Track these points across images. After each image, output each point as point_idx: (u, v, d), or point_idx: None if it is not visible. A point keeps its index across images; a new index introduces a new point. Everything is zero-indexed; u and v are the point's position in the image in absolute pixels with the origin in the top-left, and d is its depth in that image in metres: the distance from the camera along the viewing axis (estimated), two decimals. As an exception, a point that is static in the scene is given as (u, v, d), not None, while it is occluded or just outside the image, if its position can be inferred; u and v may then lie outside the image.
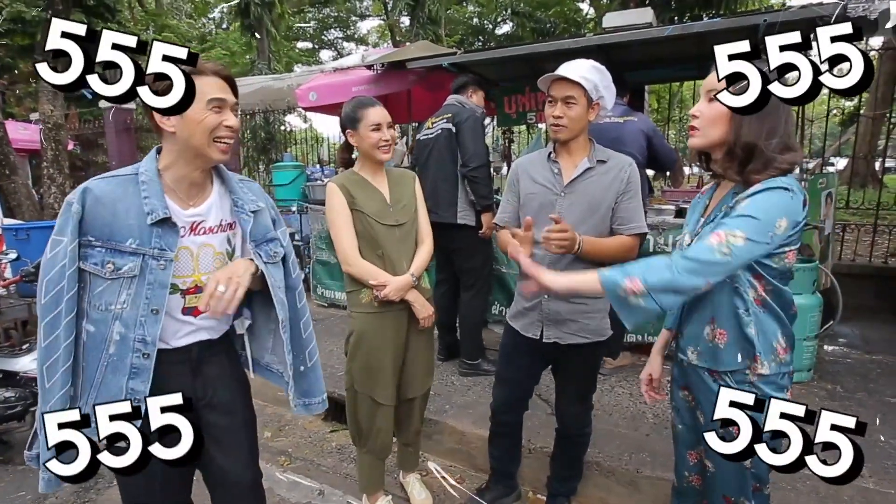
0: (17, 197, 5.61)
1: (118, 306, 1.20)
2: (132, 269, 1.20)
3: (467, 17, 19.52)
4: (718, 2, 7.43)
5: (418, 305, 1.94)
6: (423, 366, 2.06)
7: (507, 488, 2.21)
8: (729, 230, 1.13)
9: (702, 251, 1.15)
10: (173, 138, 1.23)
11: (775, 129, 1.17)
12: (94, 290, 1.20)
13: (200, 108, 1.20)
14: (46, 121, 5.62)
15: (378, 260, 1.90)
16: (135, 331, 1.21)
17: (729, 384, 1.24)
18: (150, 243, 1.21)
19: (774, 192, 1.13)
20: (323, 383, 1.57)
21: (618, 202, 1.74)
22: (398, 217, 1.93)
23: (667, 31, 3.14)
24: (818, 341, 3.09)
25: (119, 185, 1.22)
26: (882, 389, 2.88)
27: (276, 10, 13.20)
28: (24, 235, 4.70)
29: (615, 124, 2.95)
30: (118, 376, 1.22)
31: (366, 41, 23.42)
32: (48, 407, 1.15)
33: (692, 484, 1.49)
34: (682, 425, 1.46)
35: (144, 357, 1.23)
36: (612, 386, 2.97)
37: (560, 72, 1.66)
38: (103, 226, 1.18)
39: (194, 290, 1.31)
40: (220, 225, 1.35)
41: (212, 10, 21.55)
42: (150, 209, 1.20)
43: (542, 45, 3.64)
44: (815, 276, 3.01)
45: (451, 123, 3.05)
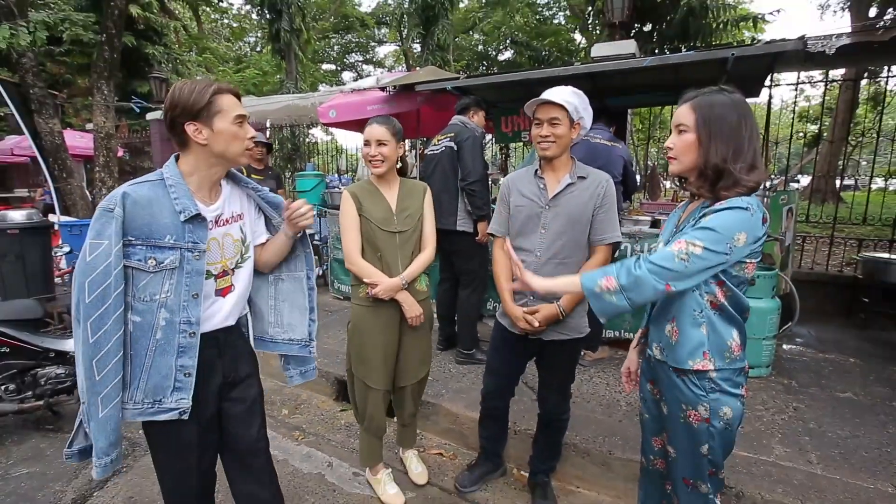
0: (73, 197, 5.67)
1: (162, 295, 1.22)
2: (172, 261, 1.22)
3: (473, 44, 19.55)
4: (696, 35, 7.38)
5: (406, 306, 1.93)
6: (416, 358, 2.05)
7: (494, 465, 2.22)
8: (690, 239, 1.14)
9: (664, 257, 1.15)
10: (202, 149, 1.26)
11: (740, 150, 1.17)
12: (138, 283, 1.21)
13: (228, 123, 1.24)
14: (99, 131, 5.68)
15: (377, 261, 1.92)
16: (179, 314, 1.24)
17: (693, 380, 1.24)
18: (185, 238, 1.23)
19: (735, 210, 1.13)
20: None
21: (594, 215, 1.74)
22: (400, 225, 1.94)
23: (645, 62, 3.14)
24: (777, 341, 3.08)
25: (150, 188, 1.23)
26: (833, 385, 2.86)
27: (303, 36, 13.24)
28: (77, 231, 4.76)
29: (606, 147, 2.99)
30: (167, 357, 1.23)
31: (383, 64, 23.49)
32: (101, 396, 1.16)
33: (657, 467, 1.48)
34: (649, 415, 1.46)
35: (191, 336, 1.26)
36: (591, 376, 2.96)
37: (545, 96, 1.67)
38: (142, 225, 1.19)
39: (222, 274, 1.35)
40: (233, 216, 1.38)
41: (247, 34, 21.71)
42: (182, 208, 1.22)
43: (535, 72, 3.64)
44: (774, 282, 2.99)
45: (453, 142, 3.09)
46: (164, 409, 1.24)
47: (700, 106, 1.20)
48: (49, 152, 5.46)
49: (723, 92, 1.21)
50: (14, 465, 2.34)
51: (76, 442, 1.24)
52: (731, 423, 1.23)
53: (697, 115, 1.20)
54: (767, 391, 2.76)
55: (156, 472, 1.39)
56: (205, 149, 1.25)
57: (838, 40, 2.70)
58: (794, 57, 3.15)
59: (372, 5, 21.55)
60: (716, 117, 1.18)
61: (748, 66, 3.30)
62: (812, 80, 7.15)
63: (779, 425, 2.39)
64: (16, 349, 2.48)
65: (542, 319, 1.74)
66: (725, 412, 1.22)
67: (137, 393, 1.22)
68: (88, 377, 1.15)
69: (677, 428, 1.29)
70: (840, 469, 2.03)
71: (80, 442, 1.24)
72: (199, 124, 1.22)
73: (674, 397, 1.28)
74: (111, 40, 5.29)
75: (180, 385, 1.25)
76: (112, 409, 1.17)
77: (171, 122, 1.24)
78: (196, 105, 1.21)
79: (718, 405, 1.22)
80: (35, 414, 2.68)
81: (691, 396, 1.24)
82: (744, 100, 1.21)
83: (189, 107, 1.21)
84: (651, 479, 1.53)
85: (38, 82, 5.30)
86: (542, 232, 1.77)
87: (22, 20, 4.81)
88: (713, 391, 1.22)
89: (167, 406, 1.24)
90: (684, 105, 1.24)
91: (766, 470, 2.02)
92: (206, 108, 1.22)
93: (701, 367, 1.22)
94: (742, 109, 1.19)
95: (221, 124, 1.24)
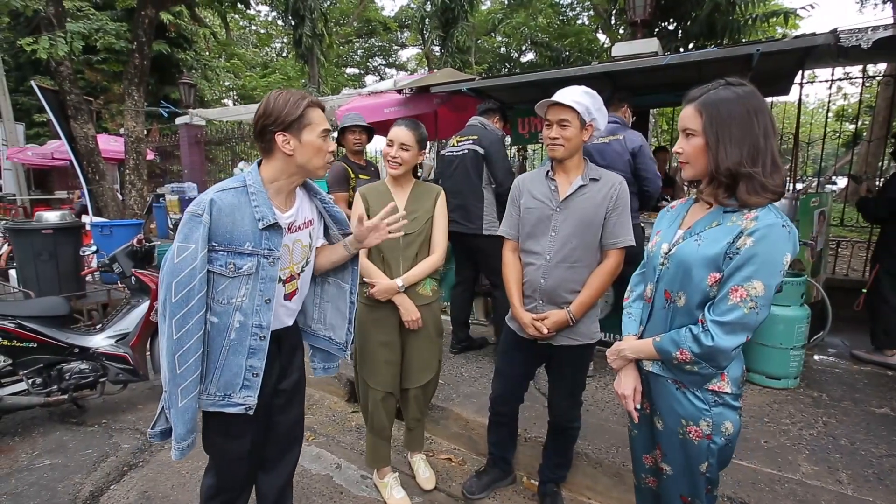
0: (105, 199, 5.88)
1: (238, 299, 1.27)
2: (250, 267, 1.26)
3: (496, 46, 19.46)
4: (722, 32, 7.11)
5: (402, 309, 1.91)
6: (418, 362, 2.02)
7: (503, 472, 2.17)
8: (744, 284, 1.04)
9: (731, 312, 1.05)
10: (287, 159, 1.28)
11: (757, 151, 1.07)
12: (218, 287, 1.25)
13: (315, 136, 1.28)
14: (129, 135, 5.88)
15: (380, 262, 1.92)
16: (252, 318, 1.29)
17: (695, 393, 1.16)
18: (262, 245, 1.27)
19: (775, 229, 1.03)
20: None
21: (607, 217, 1.68)
22: (405, 227, 1.92)
23: (665, 59, 3.03)
24: (807, 351, 2.92)
25: (234, 196, 1.26)
26: (868, 399, 2.68)
27: (326, 41, 13.50)
28: (108, 231, 4.93)
29: (601, 147, 2.75)
30: (238, 357, 1.29)
31: (405, 68, 23.66)
32: (182, 387, 1.21)
33: (648, 485, 1.41)
34: (638, 431, 1.37)
35: (261, 339, 1.31)
36: (607, 384, 2.87)
37: (555, 98, 1.63)
38: (225, 232, 1.23)
39: (290, 279, 1.39)
40: (304, 223, 1.43)
41: (274, 40, 22.25)
42: (261, 216, 1.26)
43: (551, 72, 3.56)
44: (803, 289, 2.84)
45: (478, 145, 2.98)
46: (233, 403, 1.31)
47: (705, 106, 1.11)
48: (83, 156, 5.69)
49: (729, 87, 1.11)
50: (39, 455, 2.44)
51: (158, 424, 1.32)
52: (731, 440, 1.16)
53: (703, 116, 1.11)
54: (795, 404, 2.62)
55: (210, 458, 1.45)
56: (290, 159, 1.28)
57: (874, 33, 2.53)
58: (827, 52, 2.98)
59: (395, 9, 21.76)
60: (723, 118, 1.08)
61: (776, 62, 3.15)
62: (849, 76, 6.79)
63: (806, 441, 2.25)
64: (43, 344, 2.58)
65: (552, 325, 1.69)
66: (727, 427, 1.14)
67: (211, 386, 1.30)
68: (171, 369, 1.21)
69: (674, 444, 1.21)
70: (874, 491, 1.89)
71: (162, 424, 1.32)
72: (289, 135, 1.26)
73: (671, 411, 1.20)
74: (141, 48, 5.48)
75: (248, 384, 1.32)
76: (190, 400, 1.24)
77: (261, 129, 1.27)
78: (290, 116, 1.24)
79: (721, 419, 1.14)
80: (61, 407, 2.79)
81: (692, 411, 1.16)
82: (753, 93, 1.10)
83: (283, 117, 1.24)
84: (644, 497, 1.45)
85: (75, 89, 5.53)
86: (552, 234, 1.72)
87: (60, 31, 5.03)
88: (717, 405, 1.15)
89: (235, 401, 1.31)
90: (689, 106, 1.15)
91: (790, 489, 1.91)
92: (298, 119, 1.25)
93: (717, 389, 1.15)
94: (752, 104, 1.08)
95: (309, 137, 1.27)
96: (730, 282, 1.06)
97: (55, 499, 2.09)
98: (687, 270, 1.14)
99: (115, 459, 2.41)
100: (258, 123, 1.27)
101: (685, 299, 1.16)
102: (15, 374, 2.57)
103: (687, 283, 1.14)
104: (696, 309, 1.14)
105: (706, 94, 1.12)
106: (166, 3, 6.01)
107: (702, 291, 1.12)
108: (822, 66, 3.86)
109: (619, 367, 1.32)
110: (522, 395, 1.99)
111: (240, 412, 1.31)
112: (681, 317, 1.17)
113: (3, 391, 2.53)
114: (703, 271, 1.11)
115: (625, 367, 1.31)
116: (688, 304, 1.15)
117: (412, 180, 2.01)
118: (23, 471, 2.30)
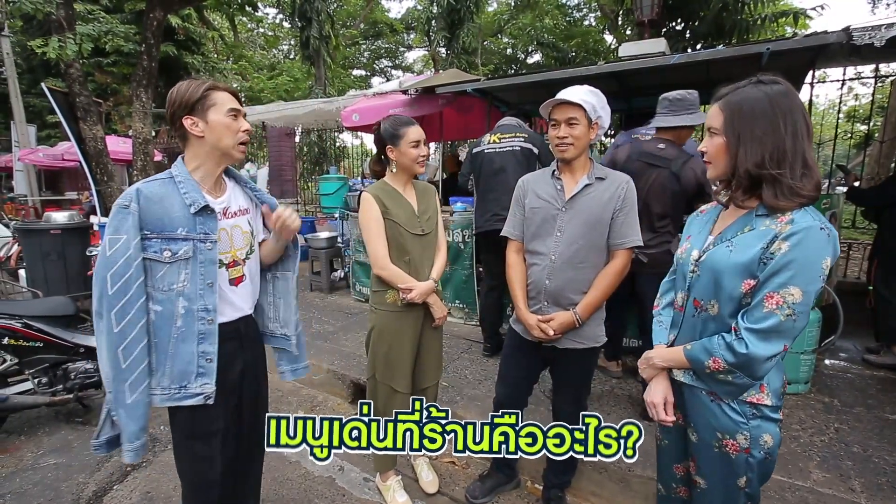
0: (113, 199, 5.92)
1: (179, 285, 1.28)
2: (186, 252, 1.27)
3: (502, 47, 19.43)
4: (731, 32, 7.03)
5: (436, 307, 1.93)
6: (434, 359, 2.06)
7: (507, 477, 2.14)
8: (781, 291, 0.98)
9: (766, 319, 1.00)
10: (201, 142, 1.31)
11: (782, 153, 1.00)
12: (156, 274, 1.26)
13: (221, 115, 1.31)
14: (137, 136, 5.92)
15: (405, 265, 1.88)
16: (197, 303, 1.30)
17: (731, 405, 1.11)
18: (196, 230, 1.29)
19: (812, 232, 0.97)
20: (306, 352, 1.70)
21: (614, 217, 1.65)
22: (424, 227, 1.91)
23: (672, 59, 2.99)
24: (818, 355, 2.86)
25: (161, 186, 1.29)
26: (881, 405, 2.62)
27: (332, 42, 13.54)
28: (115, 232, 4.97)
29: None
30: (188, 344, 1.29)
31: (412, 69, 23.68)
32: (129, 382, 1.21)
33: (679, 495, 1.35)
34: (669, 440, 1.33)
35: (209, 323, 1.32)
36: (613, 388, 2.84)
37: (561, 96, 1.61)
38: (156, 220, 1.25)
39: (233, 263, 1.40)
40: (239, 210, 1.44)
41: (281, 43, 22.40)
42: (192, 201, 1.28)
43: (556, 72, 3.53)
44: (814, 292, 2.78)
45: (529, 143, 2.88)
46: (190, 394, 1.30)
47: (728, 104, 1.07)
48: (92, 157, 5.74)
49: (759, 85, 1.05)
50: (43, 455, 2.44)
51: (103, 433, 1.30)
52: (771, 453, 1.10)
53: (725, 115, 1.07)
54: (806, 409, 2.56)
55: (176, 464, 1.40)
56: (202, 141, 1.31)
57: (888, 31, 2.48)
58: (838, 51, 2.93)
59: (401, 11, 21.82)
60: (744, 117, 1.04)
61: (786, 61, 3.10)
62: (860, 75, 6.69)
63: (818, 447, 2.20)
64: (49, 344, 2.59)
65: (558, 327, 1.67)
66: (766, 440, 1.09)
67: (164, 379, 1.29)
68: (114, 366, 1.21)
69: (710, 458, 1.16)
70: (888, 500, 1.84)
71: (108, 432, 1.29)
72: (194, 117, 1.29)
73: (706, 424, 1.15)
74: (150, 50, 5.52)
75: (203, 370, 1.31)
76: (140, 394, 1.23)
77: (171, 117, 1.31)
78: (191, 99, 1.28)
79: (759, 433, 1.08)
80: (66, 406, 2.80)
81: (728, 424, 1.10)
82: (786, 92, 1.03)
83: (185, 101, 1.28)
84: None
85: (84, 91, 5.58)
86: (557, 235, 1.69)
87: (69, 33, 5.08)
88: (754, 417, 1.09)
89: (192, 391, 1.30)
90: (714, 105, 1.12)
91: (801, 496, 1.86)
92: (200, 101, 1.29)
93: (756, 401, 1.09)
94: (781, 104, 1.02)
95: (216, 116, 1.30)
96: (765, 288, 1.01)
97: (59, 498, 2.10)
98: (719, 278, 1.08)
99: (119, 460, 2.41)
100: (168, 114, 1.30)
101: (717, 308, 1.11)
102: (21, 373, 2.58)
103: (719, 292, 1.09)
104: (728, 318, 1.09)
105: (732, 92, 1.08)
106: (174, 5, 6.05)
107: (735, 300, 1.07)
108: (833, 66, 3.80)
109: (649, 377, 1.27)
110: (526, 399, 1.97)
111: (199, 402, 1.30)
112: (713, 326, 1.13)
113: (9, 390, 2.54)
114: (737, 279, 1.05)
115: (655, 376, 1.26)
116: (720, 314, 1.10)
117: (412, 180, 1.99)
118: (27, 470, 2.31)
